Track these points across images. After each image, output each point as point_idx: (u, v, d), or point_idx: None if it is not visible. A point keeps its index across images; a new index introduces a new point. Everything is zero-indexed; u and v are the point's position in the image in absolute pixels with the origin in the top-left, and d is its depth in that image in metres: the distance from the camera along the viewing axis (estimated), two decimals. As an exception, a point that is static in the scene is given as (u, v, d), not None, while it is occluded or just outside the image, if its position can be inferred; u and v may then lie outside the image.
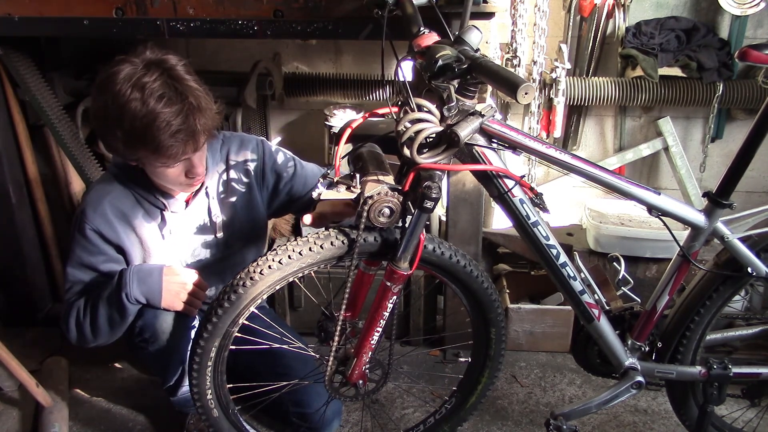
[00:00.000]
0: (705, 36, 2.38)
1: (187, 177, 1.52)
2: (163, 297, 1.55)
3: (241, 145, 1.71)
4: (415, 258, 1.36)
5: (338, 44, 2.66)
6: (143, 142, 1.40)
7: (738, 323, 1.78)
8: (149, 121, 1.37)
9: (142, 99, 1.37)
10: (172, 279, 1.56)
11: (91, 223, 1.56)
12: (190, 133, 1.41)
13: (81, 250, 1.59)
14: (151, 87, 1.37)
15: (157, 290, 1.54)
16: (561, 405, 2.08)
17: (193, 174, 1.52)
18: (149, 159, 1.46)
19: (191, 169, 1.51)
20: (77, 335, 1.60)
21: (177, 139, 1.40)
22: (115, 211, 1.59)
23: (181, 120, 1.39)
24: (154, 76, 1.39)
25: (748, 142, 1.41)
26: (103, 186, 1.61)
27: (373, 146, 1.42)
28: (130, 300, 1.52)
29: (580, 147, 2.69)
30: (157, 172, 1.51)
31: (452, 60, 1.14)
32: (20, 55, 2.15)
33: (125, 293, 1.51)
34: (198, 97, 1.43)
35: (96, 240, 1.58)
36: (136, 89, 1.37)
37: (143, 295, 1.54)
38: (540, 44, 2.34)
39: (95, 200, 1.58)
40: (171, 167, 1.48)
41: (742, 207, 1.54)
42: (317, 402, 1.72)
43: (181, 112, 1.39)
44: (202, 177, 1.57)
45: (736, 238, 1.47)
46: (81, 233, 1.58)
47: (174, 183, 1.55)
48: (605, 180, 1.39)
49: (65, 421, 1.95)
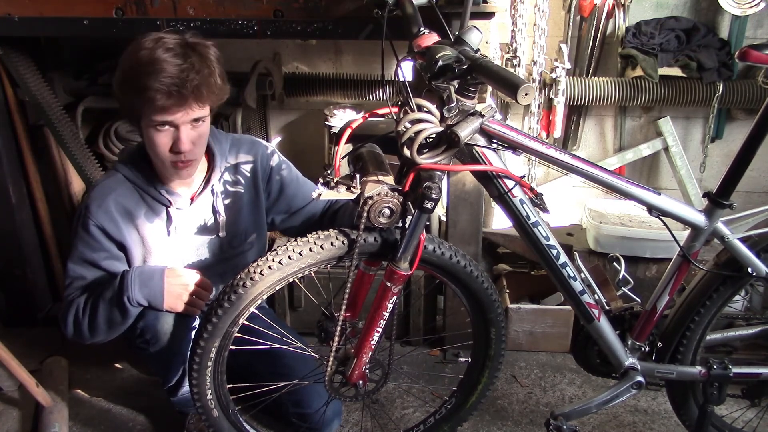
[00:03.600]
0: (705, 36, 2.38)
1: (172, 152, 1.50)
2: (165, 299, 1.54)
3: (251, 148, 1.72)
4: (415, 258, 1.36)
5: (338, 44, 2.65)
6: (134, 84, 1.42)
7: (738, 323, 1.78)
8: (148, 66, 1.40)
9: (153, 48, 1.42)
10: (174, 281, 1.56)
11: (95, 219, 1.56)
12: (180, 86, 1.41)
13: (83, 246, 1.59)
14: (165, 40, 1.43)
15: (159, 293, 1.54)
16: (561, 405, 2.08)
17: (178, 148, 1.49)
18: (141, 112, 1.46)
19: (176, 142, 1.48)
20: (74, 331, 1.60)
21: (164, 84, 1.40)
22: (119, 209, 1.59)
23: (177, 71, 1.41)
24: (176, 36, 1.45)
25: (748, 142, 1.41)
26: (109, 183, 1.61)
27: (373, 146, 1.42)
28: (131, 303, 1.52)
29: (580, 147, 2.69)
30: (149, 138, 1.50)
31: (452, 60, 1.14)
32: (20, 55, 2.15)
33: (127, 296, 1.51)
34: (209, 66, 1.46)
35: (99, 236, 1.58)
36: (153, 41, 1.43)
37: (145, 298, 1.53)
38: (540, 44, 2.34)
39: (100, 197, 1.58)
40: (159, 130, 1.47)
41: (742, 207, 1.54)
42: (317, 402, 1.72)
43: (181, 66, 1.41)
44: (190, 161, 1.54)
45: (737, 238, 1.47)
46: (84, 229, 1.57)
47: (162, 157, 1.52)
48: (605, 180, 1.39)
49: (65, 421, 1.95)
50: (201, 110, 1.48)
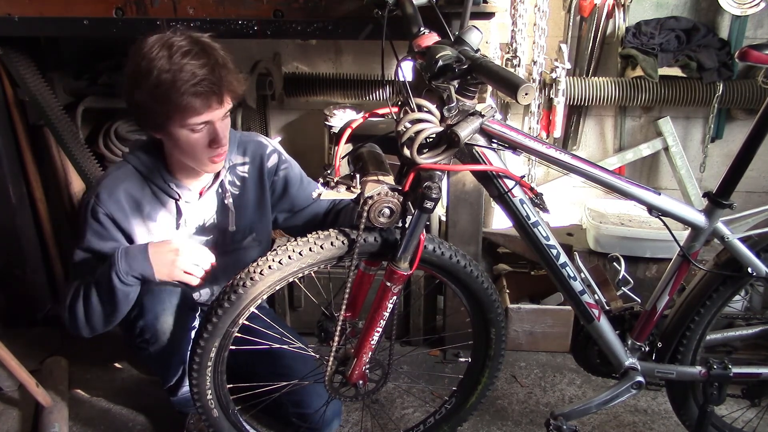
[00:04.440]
0: (705, 36, 2.38)
1: (210, 147, 1.50)
2: (155, 269, 1.50)
3: (258, 147, 1.73)
4: (415, 258, 1.36)
5: (338, 44, 2.65)
6: (169, 96, 1.40)
7: (738, 323, 1.78)
8: (175, 73, 1.39)
9: (169, 55, 1.40)
10: (161, 248, 1.52)
11: (105, 208, 1.56)
12: (215, 84, 1.42)
13: (92, 234, 1.57)
14: (178, 44, 1.42)
15: (146, 261, 1.49)
16: (561, 405, 2.08)
17: (217, 143, 1.50)
18: (175, 119, 1.44)
19: (215, 137, 1.49)
20: (70, 318, 1.56)
21: (202, 87, 1.40)
22: (128, 199, 1.58)
23: (207, 71, 1.41)
24: (181, 37, 1.44)
25: (748, 142, 1.41)
26: (119, 174, 1.60)
27: (373, 146, 1.42)
28: (121, 279, 1.48)
29: (580, 147, 2.69)
30: (182, 141, 1.49)
31: (452, 60, 1.14)
32: (20, 55, 2.15)
33: (115, 272, 1.48)
34: (224, 58, 1.47)
35: (108, 224, 1.57)
36: (164, 48, 1.41)
37: (135, 271, 1.49)
38: (540, 44, 2.33)
39: (110, 186, 1.57)
40: (196, 131, 1.47)
41: (742, 207, 1.54)
42: (317, 402, 1.73)
43: (206, 65, 1.42)
44: (225, 152, 1.55)
45: (737, 238, 1.47)
46: (94, 217, 1.56)
47: (197, 155, 1.52)
48: (605, 180, 1.39)
49: (65, 421, 1.95)
50: (232, 101, 1.50)
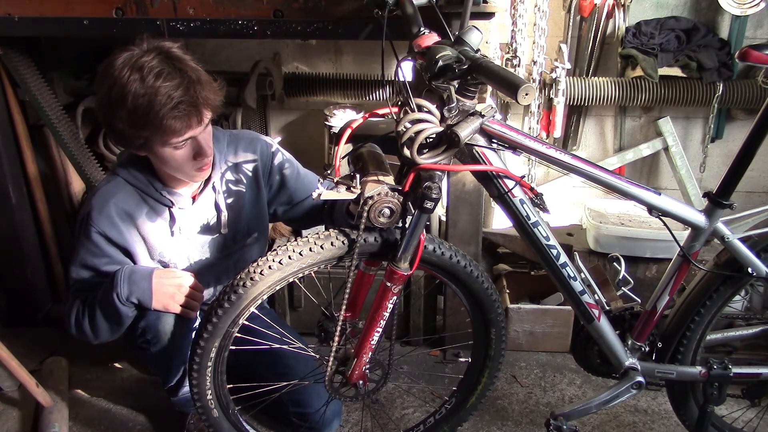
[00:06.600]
0: (705, 36, 2.38)
1: (195, 160, 1.51)
2: (154, 298, 1.53)
3: (249, 144, 1.72)
4: (416, 258, 1.36)
5: (338, 44, 2.65)
6: (147, 121, 1.39)
7: (738, 323, 1.78)
8: (150, 97, 1.37)
9: (141, 78, 1.38)
10: (166, 281, 1.55)
11: (97, 226, 1.56)
12: (192, 104, 1.41)
13: (85, 252, 1.59)
14: (149, 66, 1.39)
15: (147, 291, 1.53)
16: (561, 405, 2.08)
17: (201, 155, 1.50)
18: (156, 140, 1.45)
19: (199, 150, 1.50)
20: (78, 333, 1.61)
21: (180, 110, 1.39)
22: (120, 213, 1.58)
23: (182, 92, 1.40)
24: (150, 56, 1.40)
25: (749, 142, 1.41)
26: (109, 188, 1.60)
27: (373, 146, 1.42)
28: (121, 301, 1.51)
29: (580, 147, 2.69)
30: (166, 158, 1.50)
31: (452, 60, 1.14)
32: (20, 55, 2.15)
33: (116, 294, 1.50)
34: (197, 71, 1.45)
35: (101, 243, 1.57)
36: (134, 70, 1.38)
37: (134, 296, 1.52)
38: (540, 44, 2.33)
39: (101, 202, 1.58)
40: (179, 148, 1.47)
41: (742, 207, 1.54)
42: (317, 402, 1.73)
43: (181, 85, 1.40)
44: (210, 160, 1.56)
45: (737, 238, 1.47)
46: (86, 236, 1.57)
47: (184, 169, 1.53)
48: (605, 180, 1.39)
49: (65, 421, 1.95)
50: (213, 113, 1.50)
